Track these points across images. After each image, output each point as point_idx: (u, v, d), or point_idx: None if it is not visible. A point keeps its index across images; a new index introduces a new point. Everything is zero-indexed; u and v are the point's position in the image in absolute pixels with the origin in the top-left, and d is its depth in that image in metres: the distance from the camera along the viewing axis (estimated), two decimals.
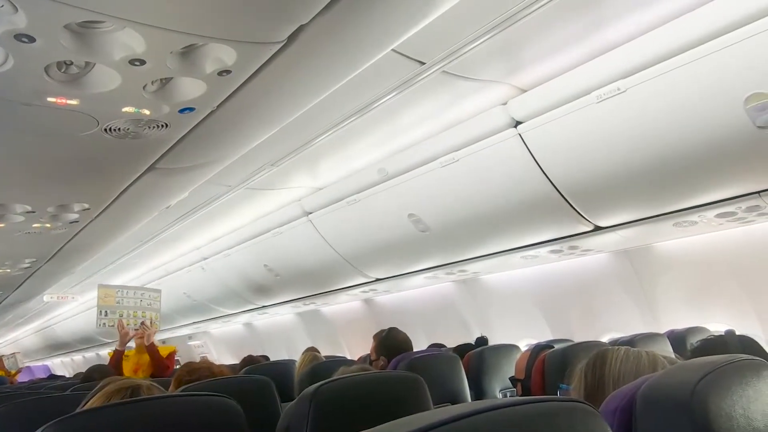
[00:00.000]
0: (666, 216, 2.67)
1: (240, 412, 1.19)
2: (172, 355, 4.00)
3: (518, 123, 2.57)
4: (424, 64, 2.11)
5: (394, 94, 2.33)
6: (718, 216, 2.59)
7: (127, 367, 3.73)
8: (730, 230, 2.91)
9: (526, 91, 2.50)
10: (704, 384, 0.72)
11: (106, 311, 3.82)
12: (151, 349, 3.78)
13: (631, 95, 2.15)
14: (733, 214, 2.55)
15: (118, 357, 3.70)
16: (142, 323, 3.85)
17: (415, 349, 2.81)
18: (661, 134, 2.20)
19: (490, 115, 2.63)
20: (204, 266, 5.51)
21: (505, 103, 2.58)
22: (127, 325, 3.85)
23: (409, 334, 2.86)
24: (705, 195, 2.46)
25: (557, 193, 2.70)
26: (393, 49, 1.91)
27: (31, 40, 1.23)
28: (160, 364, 3.71)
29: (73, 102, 1.53)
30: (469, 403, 0.60)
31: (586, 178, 2.55)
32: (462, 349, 3.17)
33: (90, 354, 12.91)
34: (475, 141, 2.75)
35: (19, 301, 6.79)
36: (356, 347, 5.81)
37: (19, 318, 9.66)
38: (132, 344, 3.86)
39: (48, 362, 16.89)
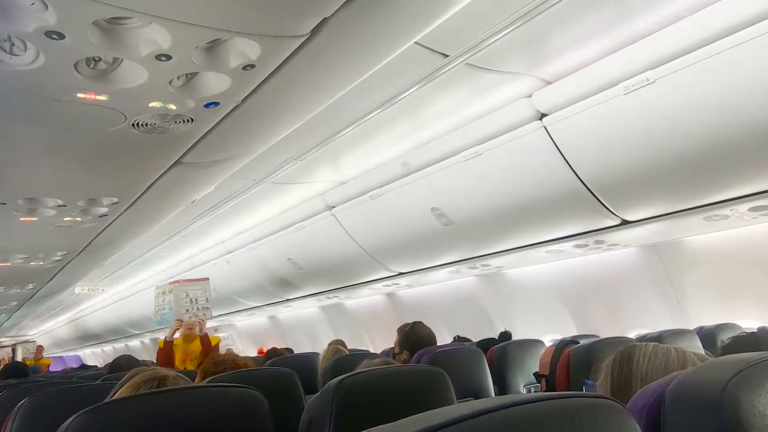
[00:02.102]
0: (696, 210, 2.61)
1: (264, 403, 1.20)
2: (217, 346, 4.07)
3: (543, 115, 2.53)
4: (447, 56, 2.09)
5: (417, 87, 2.31)
6: (752, 210, 2.52)
7: (177, 358, 3.78)
8: (763, 224, 2.83)
9: (551, 82, 2.46)
10: (736, 382, 0.70)
11: (164, 307, 3.89)
12: (204, 340, 3.85)
13: (660, 86, 2.09)
14: (767, 207, 2.48)
15: (168, 348, 3.74)
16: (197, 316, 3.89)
17: (438, 344, 2.81)
18: (691, 125, 2.14)
19: (515, 107, 2.60)
20: (229, 260, 5.58)
21: (530, 96, 2.54)
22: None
23: (431, 329, 2.86)
24: (738, 188, 2.39)
25: (583, 186, 2.65)
26: (416, 42, 1.90)
27: (61, 36, 1.26)
28: (212, 353, 3.74)
29: (102, 98, 1.56)
30: (492, 398, 0.60)
31: (613, 171, 2.50)
32: (485, 344, 3.15)
33: (120, 345, 13.22)
34: (500, 134, 2.72)
35: (51, 293, 6.98)
36: (379, 341, 5.82)
37: (52, 309, 9.93)
38: (176, 334, 3.91)
39: (80, 353, 17.36)
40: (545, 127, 2.54)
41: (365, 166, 3.49)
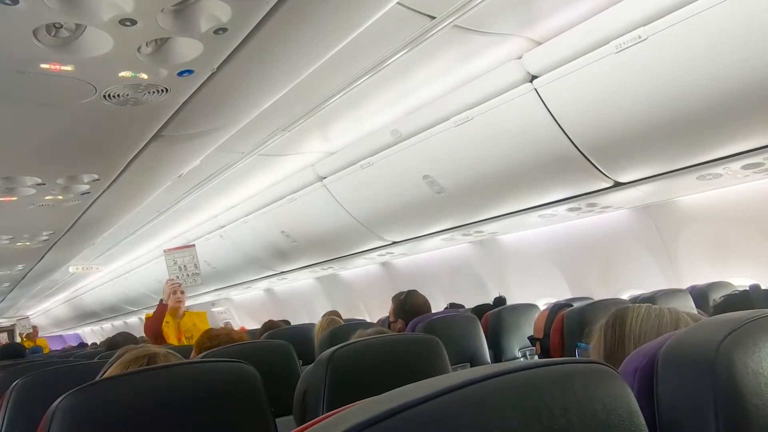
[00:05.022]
0: (689, 169, 2.59)
1: (257, 377, 1.18)
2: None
3: (534, 77, 2.48)
4: (434, 18, 2.03)
5: (404, 51, 2.25)
6: (744, 167, 2.50)
7: (171, 335, 3.51)
8: (755, 182, 2.82)
9: (541, 43, 2.41)
10: (729, 341, 0.68)
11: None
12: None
13: (652, 43, 2.04)
14: (760, 165, 2.46)
15: (162, 310, 3.48)
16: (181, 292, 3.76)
17: (433, 311, 2.81)
18: (684, 83, 2.10)
19: (505, 70, 2.54)
20: (222, 234, 5.55)
21: (520, 57, 2.48)
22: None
23: (426, 296, 2.86)
24: (730, 146, 2.37)
25: (575, 148, 2.62)
26: (401, 4, 1.83)
27: (14, 2, 1.19)
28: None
29: (68, 68, 1.48)
30: (481, 367, 0.57)
31: (605, 132, 2.47)
32: (480, 310, 3.17)
33: (118, 322, 13.31)
34: (490, 98, 2.67)
35: (44, 273, 6.94)
36: (375, 310, 5.86)
37: (47, 289, 9.93)
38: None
39: (79, 331, 17.48)
40: (536, 89, 2.49)
41: (355, 135, 3.43)
